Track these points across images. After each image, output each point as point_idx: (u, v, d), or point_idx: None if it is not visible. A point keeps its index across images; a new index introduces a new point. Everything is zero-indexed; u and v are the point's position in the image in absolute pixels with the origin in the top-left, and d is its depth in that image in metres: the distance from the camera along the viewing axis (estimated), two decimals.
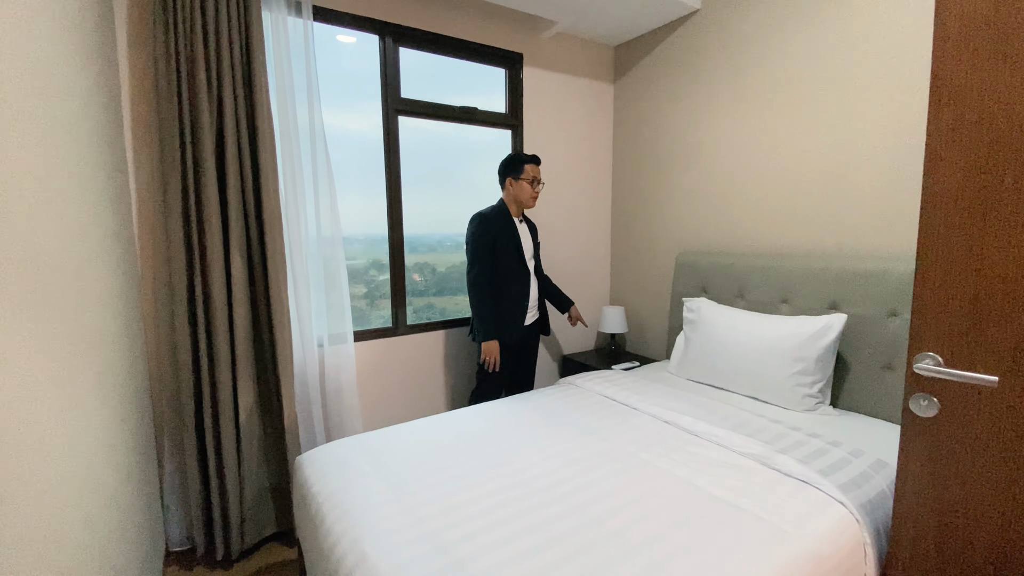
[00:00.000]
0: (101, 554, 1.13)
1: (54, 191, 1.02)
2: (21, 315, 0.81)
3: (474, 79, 2.73)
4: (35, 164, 0.92)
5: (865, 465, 1.47)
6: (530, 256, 2.43)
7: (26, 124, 0.90)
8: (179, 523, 1.97)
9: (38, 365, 0.87)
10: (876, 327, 1.87)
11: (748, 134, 2.37)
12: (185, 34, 1.74)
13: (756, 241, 2.39)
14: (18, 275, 0.81)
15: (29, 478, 0.80)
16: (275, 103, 1.96)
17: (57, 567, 0.87)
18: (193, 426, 1.88)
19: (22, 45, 0.91)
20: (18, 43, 0.89)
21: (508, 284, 2.34)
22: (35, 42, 0.96)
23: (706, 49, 2.52)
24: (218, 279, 1.85)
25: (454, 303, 2.91)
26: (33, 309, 0.86)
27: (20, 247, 0.83)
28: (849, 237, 2.03)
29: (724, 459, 1.52)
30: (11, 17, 0.86)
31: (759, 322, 2.07)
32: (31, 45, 0.95)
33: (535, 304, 2.49)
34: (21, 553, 0.76)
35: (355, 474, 1.45)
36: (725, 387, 2.14)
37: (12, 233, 0.80)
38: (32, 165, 0.91)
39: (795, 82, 2.17)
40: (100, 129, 1.44)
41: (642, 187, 2.98)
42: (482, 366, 2.32)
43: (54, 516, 0.88)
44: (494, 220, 2.32)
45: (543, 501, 1.30)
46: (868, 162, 1.95)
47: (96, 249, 1.30)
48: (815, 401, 1.90)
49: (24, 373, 0.81)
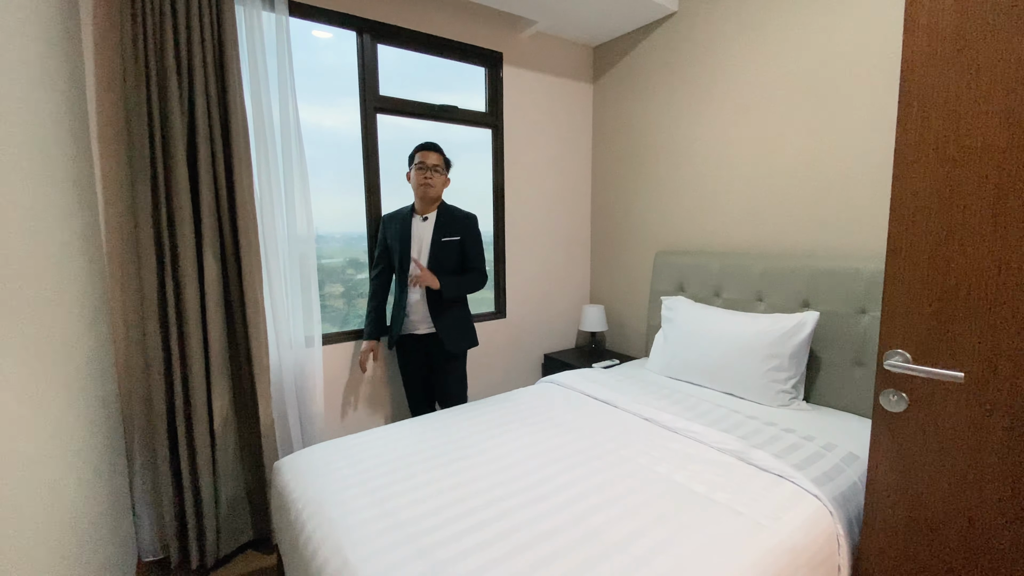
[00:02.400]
0: (67, 568, 1.09)
1: (13, 189, 0.97)
2: None
3: (454, 77, 2.72)
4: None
5: (837, 459, 1.52)
6: (421, 257, 2.18)
7: None
8: (151, 532, 1.91)
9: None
10: (847, 324, 1.93)
11: (725, 135, 2.41)
12: (154, 24, 1.69)
13: (732, 240, 2.43)
14: None
15: None
16: (249, 99, 1.92)
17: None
18: (165, 431, 1.82)
19: None
20: None
21: (398, 288, 2.27)
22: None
23: (683, 51, 2.56)
24: (190, 280, 1.80)
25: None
26: None
27: None
28: (822, 237, 2.09)
29: (702, 455, 1.55)
30: None
31: (735, 320, 2.11)
32: None
33: (420, 313, 2.20)
34: None
35: (335, 479, 1.43)
36: (703, 384, 2.17)
37: None
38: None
39: (769, 84, 2.22)
40: (63, 121, 1.38)
41: (621, 186, 3.01)
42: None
43: (14, 530, 0.84)
44: (390, 220, 2.28)
45: (525, 501, 1.30)
46: (840, 164, 2.01)
47: (59, 251, 1.25)
48: (789, 396, 1.95)
49: None
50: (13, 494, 0.85)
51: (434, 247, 2.18)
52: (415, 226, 2.22)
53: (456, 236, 2.20)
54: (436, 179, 2.16)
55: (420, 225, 2.21)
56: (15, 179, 0.98)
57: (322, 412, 2.19)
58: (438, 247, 2.18)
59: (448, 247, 2.19)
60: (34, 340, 1.00)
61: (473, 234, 2.25)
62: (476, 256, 2.26)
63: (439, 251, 2.18)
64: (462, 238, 2.22)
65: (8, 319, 0.88)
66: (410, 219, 2.22)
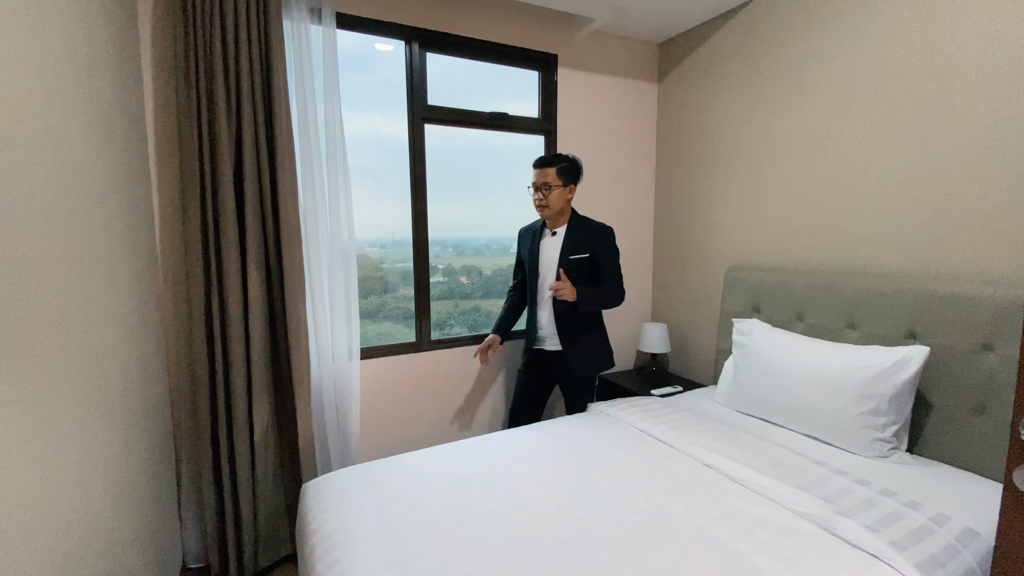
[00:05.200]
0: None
1: (80, 210, 0.99)
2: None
3: (506, 83, 2.60)
4: (56, 179, 0.93)
5: (951, 536, 1.21)
6: (549, 275, 2.10)
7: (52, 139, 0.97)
8: (196, 540, 1.94)
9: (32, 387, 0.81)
10: (966, 362, 1.57)
11: (813, 132, 2.10)
12: (204, 45, 1.72)
13: (819, 255, 2.10)
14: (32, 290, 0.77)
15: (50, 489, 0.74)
16: (295, 114, 1.91)
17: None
18: (209, 443, 1.85)
19: (38, 54, 0.96)
20: (35, 52, 0.95)
21: (530, 302, 2.21)
22: (50, 52, 0.95)
23: (766, 39, 2.26)
24: (235, 294, 1.81)
25: (499, 306, 2.82)
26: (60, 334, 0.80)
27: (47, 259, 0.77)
28: (934, 254, 1.73)
29: (772, 518, 1.30)
30: (30, 28, 0.92)
31: (821, 350, 1.81)
32: (46, 55, 0.97)
33: (548, 330, 2.13)
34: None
35: (354, 514, 1.34)
36: (779, 423, 1.88)
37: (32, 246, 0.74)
38: (55, 182, 0.95)
39: (870, 74, 1.88)
40: (120, 143, 1.44)
41: (688, 194, 2.74)
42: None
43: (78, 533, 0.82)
44: (524, 233, 2.29)
45: (552, 562, 1.13)
46: (961, 167, 1.65)
47: (130, 272, 1.30)
48: (888, 447, 1.62)
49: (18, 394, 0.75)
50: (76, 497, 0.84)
51: (561, 265, 2.05)
52: (544, 241, 2.14)
53: (585, 253, 2.06)
54: (550, 197, 2.04)
55: (549, 240, 2.13)
56: (84, 205, 0.99)
57: (358, 430, 2.14)
58: (565, 265, 2.05)
59: (576, 265, 2.05)
60: (86, 359, 1.00)
61: (606, 249, 2.07)
62: (610, 272, 2.08)
63: (569, 269, 2.04)
64: (592, 254, 2.06)
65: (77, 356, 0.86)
66: (540, 234, 2.15)
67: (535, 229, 2.20)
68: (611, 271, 2.08)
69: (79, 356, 1.11)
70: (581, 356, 2.10)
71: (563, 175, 2.04)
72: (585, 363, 2.11)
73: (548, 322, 2.13)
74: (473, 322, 2.75)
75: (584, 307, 2.03)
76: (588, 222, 2.11)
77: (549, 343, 2.15)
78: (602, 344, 2.18)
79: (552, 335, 2.13)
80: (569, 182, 2.06)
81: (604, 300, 2.07)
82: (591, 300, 2.03)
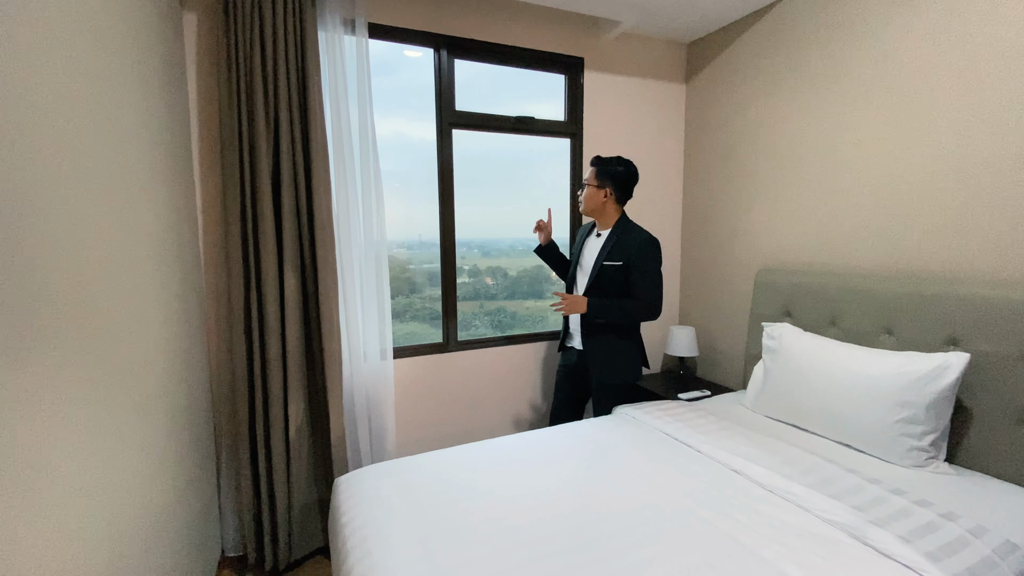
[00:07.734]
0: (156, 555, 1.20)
1: (136, 215, 1.06)
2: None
3: (531, 85, 2.62)
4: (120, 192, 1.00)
5: (989, 548, 1.17)
6: (585, 273, 2.09)
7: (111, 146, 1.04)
8: (234, 530, 2.03)
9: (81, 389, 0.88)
10: (1009, 370, 1.51)
11: (848, 132, 2.05)
12: (245, 58, 1.80)
13: (854, 258, 2.05)
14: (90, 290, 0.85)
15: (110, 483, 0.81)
16: (329, 122, 1.98)
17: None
18: (247, 437, 1.93)
19: (93, 65, 1.03)
20: (90, 63, 1.01)
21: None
22: (107, 64, 1.01)
23: (799, 36, 2.22)
24: (272, 296, 1.89)
25: (524, 307, 2.85)
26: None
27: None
28: (975, 257, 1.67)
29: (802, 525, 1.28)
30: (80, 38, 0.97)
31: (856, 356, 1.76)
32: (103, 66, 1.04)
33: (575, 329, 2.12)
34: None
35: (384, 509, 1.39)
36: (810, 429, 1.84)
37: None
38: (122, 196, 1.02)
39: (909, 69, 1.83)
40: (168, 156, 1.54)
41: (717, 196, 2.70)
42: None
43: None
44: (582, 228, 2.27)
45: (576, 562, 1.15)
46: (1005, 168, 1.59)
47: (181, 278, 1.40)
48: (926, 456, 1.57)
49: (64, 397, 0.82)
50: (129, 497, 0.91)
51: (595, 269, 2.02)
52: (589, 240, 2.13)
53: (619, 261, 1.98)
54: (584, 195, 2.07)
55: (593, 241, 2.11)
56: (143, 215, 1.07)
57: (394, 428, 2.20)
58: (599, 270, 2.01)
59: (610, 271, 1.99)
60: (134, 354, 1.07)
61: (642, 259, 1.96)
62: (640, 284, 1.97)
63: (600, 274, 2.01)
64: (624, 262, 1.98)
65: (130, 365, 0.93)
66: (588, 234, 2.16)
67: (587, 228, 2.20)
68: (642, 282, 1.97)
69: (130, 357, 1.19)
70: (602, 362, 2.06)
71: (600, 177, 2.03)
72: (609, 371, 2.07)
73: (575, 323, 2.13)
74: (498, 323, 2.78)
75: (591, 317, 1.99)
76: (632, 229, 2.03)
77: (577, 342, 2.14)
78: (631, 354, 2.09)
79: (579, 335, 2.12)
80: (605, 185, 2.02)
81: (625, 313, 1.98)
82: (607, 313, 1.97)
